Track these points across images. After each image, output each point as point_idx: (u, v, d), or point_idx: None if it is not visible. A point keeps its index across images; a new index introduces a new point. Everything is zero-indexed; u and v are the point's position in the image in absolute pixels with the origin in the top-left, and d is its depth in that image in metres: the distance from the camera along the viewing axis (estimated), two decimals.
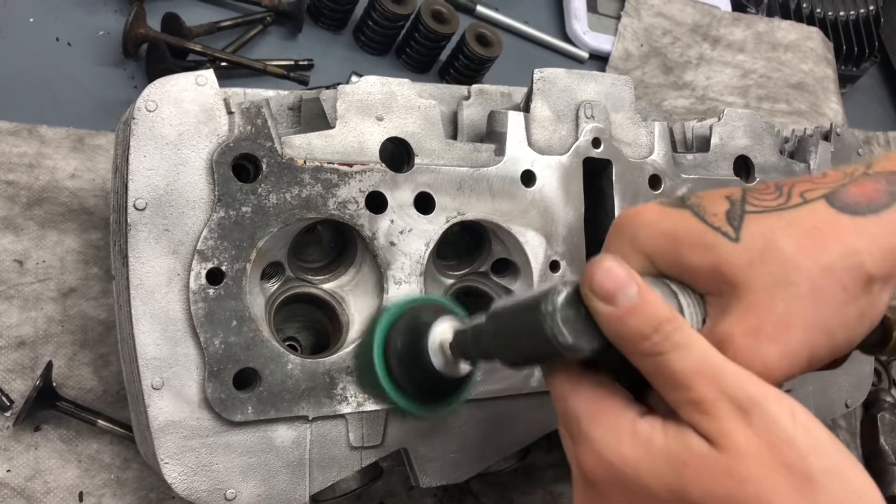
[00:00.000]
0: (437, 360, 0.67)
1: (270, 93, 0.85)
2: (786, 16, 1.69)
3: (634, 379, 0.58)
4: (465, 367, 0.68)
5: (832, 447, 0.52)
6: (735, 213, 0.59)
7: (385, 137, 0.81)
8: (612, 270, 0.54)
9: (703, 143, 1.01)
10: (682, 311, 0.58)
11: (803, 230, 0.57)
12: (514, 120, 0.87)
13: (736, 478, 0.50)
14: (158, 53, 1.06)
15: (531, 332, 0.56)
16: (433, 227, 0.82)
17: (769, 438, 0.51)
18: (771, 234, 0.57)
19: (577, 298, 0.55)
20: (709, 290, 0.59)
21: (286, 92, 0.86)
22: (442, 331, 0.68)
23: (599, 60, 1.49)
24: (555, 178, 0.88)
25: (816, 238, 0.57)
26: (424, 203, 0.82)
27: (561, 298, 0.55)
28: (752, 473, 0.50)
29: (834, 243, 0.57)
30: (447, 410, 0.74)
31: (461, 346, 0.66)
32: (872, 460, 1.22)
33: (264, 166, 0.76)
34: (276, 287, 0.82)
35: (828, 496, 0.50)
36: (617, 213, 0.91)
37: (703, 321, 0.59)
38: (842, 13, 1.73)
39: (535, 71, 0.89)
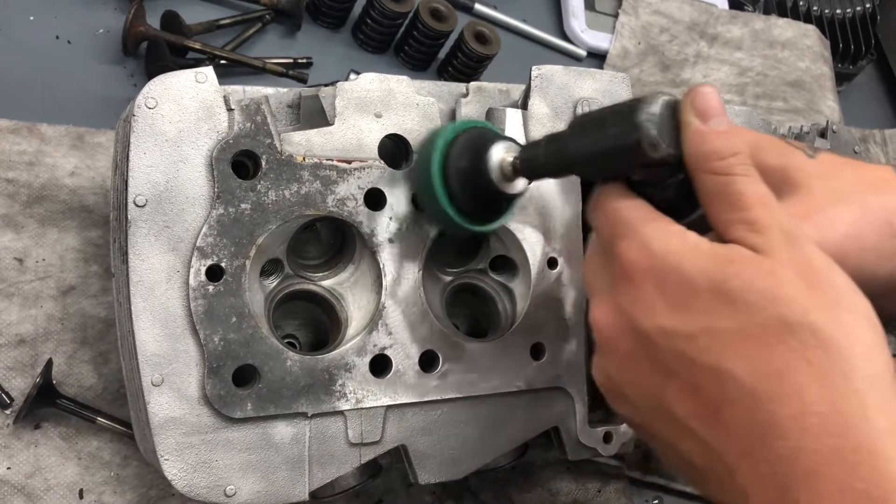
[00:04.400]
0: (496, 176, 0.71)
1: (270, 90, 0.85)
2: (783, 13, 1.70)
3: (678, 221, 0.62)
4: (520, 185, 0.72)
5: (858, 292, 0.55)
6: (813, 148, 0.68)
7: (384, 134, 0.82)
8: (713, 95, 0.59)
9: None
10: None
11: (869, 175, 0.67)
12: (513, 117, 0.87)
13: (776, 278, 0.54)
14: (158, 51, 1.06)
15: (620, 125, 0.60)
16: (431, 224, 0.82)
17: (808, 262, 0.55)
18: (842, 165, 0.66)
19: (673, 109, 0.60)
20: (772, 186, 0.61)
21: (285, 89, 0.86)
22: (504, 148, 0.71)
23: (597, 58, 1.50)
24: None
25: (878, 183, 0.66)
26: None
27: (661, 98, 0.60)
28: (791, 278, 0.54)
29: (891, 192, 0.65)
30: (493, 227, 0.77)
31: (529, 159, 0.69)
32: None
33: (264, 163, 0.76)
34: (275, 284, 0.82)
35: (853, 319, 0.53)
36: None
37: None
38: (838, 11, 1.73)
39: (533, 68, 0.90)
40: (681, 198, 0.61)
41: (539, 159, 0.68)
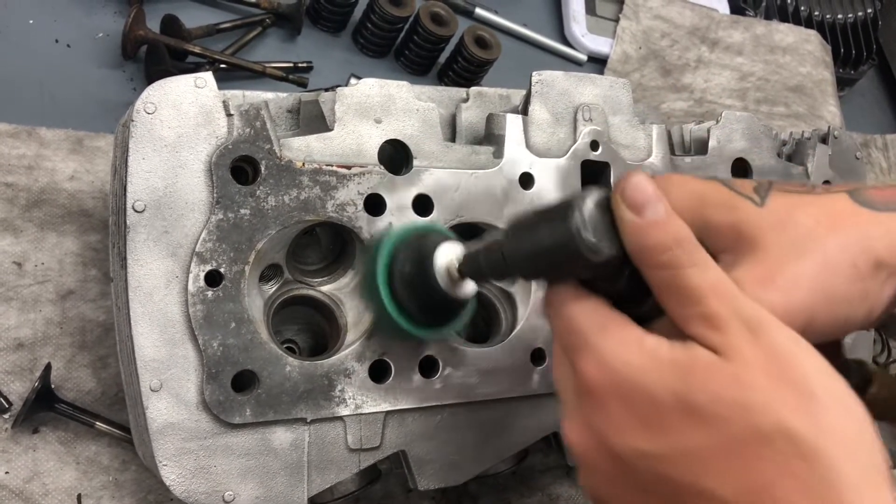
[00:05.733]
0: (443, 281, 0.68)
1: (269, 95, 0.85)
2: (784, 19, 1.70)
3: (635, 310, 0.59)
4: (468, 289, 0.69)
5: (833, 375, 0.53)
6: (762, 188, 0.63)
7: (384, 140, 0.81)
8: (644, 184, 0.56)
9: (701, 146, 1.01)
10: None
11: (825, 211, 0.61)
12: (513, 122, 0.87)
13: (743, 384, 0.52)
14: (158, 55, 1.06)
15: (554, 232, 0.58)
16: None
17: (775, 355, 0.52)
18: (794, 207, 0.61)
19: (606, 205, 0.58)
20: (725, 247, 0.60)
21: (285, 94, 0.86)
22: (449, 251, 0.69)
23: (598, 63, 1.49)
24: (553, 181, 0.88)
25: (835, 220, 0.60)
26: (423, 205, 0.82)
27: (591, 199, 0.57)
28: (758, 382, 0.51)
29: (851, 227, 0.60)
30: (447, 332, 0.75)
31: (472, 264, 0.67)
32: None
33: (263, 168, 0.76)
34: (274, 289, 0.82)
35: (830, 414, 0.51)
36: None
37: None
38: (840, 16, 1.73)
39: (534, 73, 0.90)
40: (634, 288, 0.59)
41: (482, 266, 0.65)
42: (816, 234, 0.59)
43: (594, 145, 0.90)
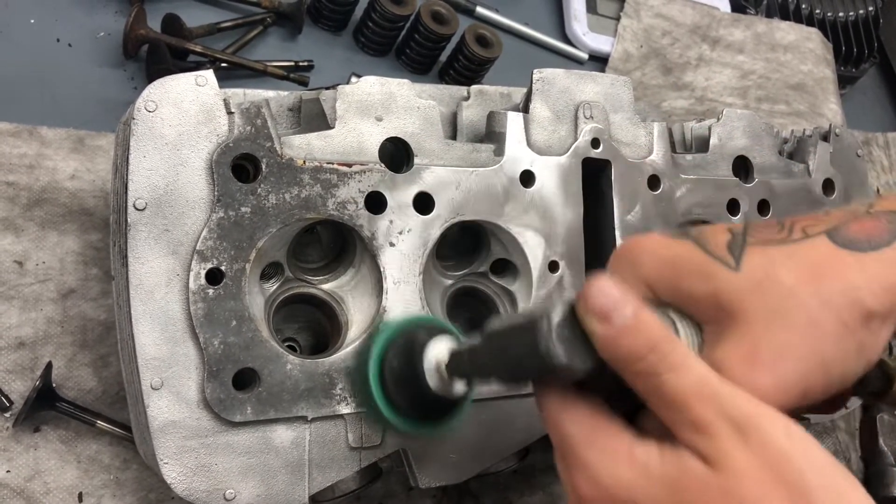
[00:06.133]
0: (432, 380, 0.67)
1: (270, 93, 0.85)
2: (785, 17, 1.69)
3: (628, 401, 0.57)
4: (460, 388, 0.67)
5: (829, 465, 0.51)
6: (736, 244, 0.59)
7: (384, 138, 0.81)
8: (608, 289, 0.54)
9: (703, 144, 1.01)
10: (678, 336, 0.58)
11: (804, 263, 0.57)
12: (514, 120, 0.87)
13: (734, 498, 0.50)
14: (159, 54, 1.06)
15: (526, 349, 0.56)
16: (432, 227, 0.82)
17: (766, 457, 0.51)
18: (771, 265, 0.57)
19: (573, 317, 0.55)
20: (707, 319, 0.58)
21: (286, 93, 0.86)
22: (438, 350, 0.67)
23: (599, 61, 1.49)
24: (554, 179, 0.88)
25: (816, 272, 0.57)
26: (424, 203, 0.82)
27: (556, 317, 0.55)
28: (750, 493, 0.50)
29: (834, 278, 0.57)
30: (442, 431, 0.73)
31: (457, 365, 0.65)
32: (872, 461, 1.21)
33: (264, 166, 0.76)
34: (275, 287, 0.82)
35: None
36: (616, 213, 0.91)
37: (701, 350, 0.59)
38: (841, 14, 1.73)
39: (535, 71, 0.90)
40: (622, 385, 0.56)
41: (467, 368, 0.65)
42: (798, 294, 0.56)
43: (595, 143, 0.90)
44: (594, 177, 0.92)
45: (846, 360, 0.57)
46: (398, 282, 0.81)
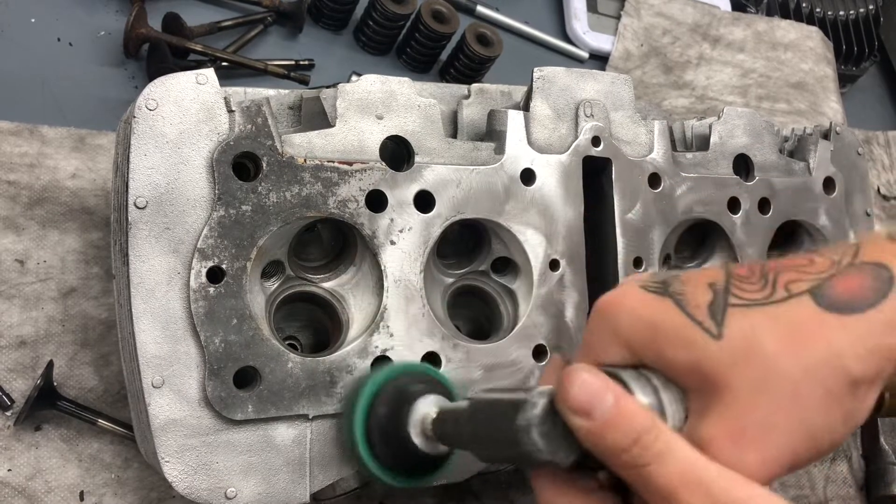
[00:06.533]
0: (416, 437, 0.67)
1: (271, 92, 0.85)
2: (785, 15, 1.70)
3: (619, 478, 0.57)
4: (442, 447, 0.67)
5: None
6: (717, 306, 0.58)
7: (385, 136, 0.81)
8: (587, 383, 0.53)
9: (703, 142, 1.01)
10: (662, 409, 0.57)
11: (786, 328, 0.56)
12: (514, 118, 0.87)
13: None
14: (159, 53, 1.06)
15: (507, 439, 0.55)
16: (433, 225, 0.82)
17: None
18: (753, 332, 0.56)
19: (554, 411, 0.55)
20: (690, 387, 0.57)
21: (286, 91, 0.86)
22: (425, 408, 0.67)
23: (600, 60, 1.49)
24: (554, 177, 0.88)
25: (800, 338, 0.55)
26: (424, 202, 0.82)
27: (537, 413, 0.54)
28: None
29: (818, 344, 0.55)
30: (425, 483, 0.73)
31: (442, 430, 0.65)
32: (872, 460, 1.22)
33: (264, 165, 0.76)
34: (276, 286, 0.82)
35: None
36: (617, 211, 0.91)
37: (686, 417, 0.58)
38: (841, 12, 1.73)
39: (535, 70, 0.90)
40: None
41: (451, 435, 0.64)
42: (782, 363, 0.54)
43: (596, 141, 0.90)
44: (595, 175, 0.92)
45: (833, 428, 0.56)
46: (399, 280, 0.81)
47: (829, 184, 1.06)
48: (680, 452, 0.53)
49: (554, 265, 0.88)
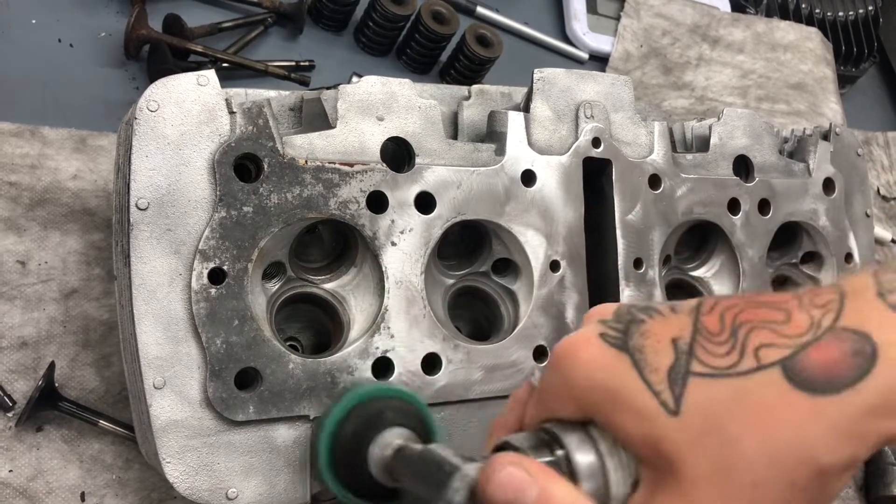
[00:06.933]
0: (374, 465, 0.66)
1: (272, 93, 0.85)
2: (785, 16, 1.70)
3: None
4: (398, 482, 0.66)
5: None
6: (678, 373, 0.53)
7: (386, 137, 0.82)
8: (511, 476, 0.51)
9: (703, 143, 1.01)
10: (606, 477, 0.55)
11: (752, 408, 0.50)
12: (515, 120, 0.87)
13: None
14: (160, 54, 1.06)
15: None
16: (434, 226, 0.82)
17: None
18: (714, 410, 0.51)
19: (475, 500, 0.52)
20: (643, 459, 0.54)
21: (287, 92, 0.86)
22: (391, 438, 0.66)
23: (599, 61, 1.50)
24: (555, 178, 0.88)
25: (765, 420, 0.50)
26: (425, 203, 0.82)
27: (458, 498, 0.52)
28: None
29: (784, 429, 0.50)
30: None
31: (393, 464, 0.64)
32: (871, 460, 1.22)
33: (266, 166, 0.76)
34: (277, 287, 0.82)
35: None
36: (617, 212, 0.91)
37: (636, 482, 0.55)
38: (841, 14, 1.73)
39: (535, 71, 0.90)
40: None
41: (398, 479, 0.63)
42: (744, 449, 0.50)
43: (596, 142, 0.91)
44: (595, 176, 0.92)
45: None
46: (400, 281, 0.81)
47: (828, 185, 1.06)
48: None
49: (554, 266, 0.88)
